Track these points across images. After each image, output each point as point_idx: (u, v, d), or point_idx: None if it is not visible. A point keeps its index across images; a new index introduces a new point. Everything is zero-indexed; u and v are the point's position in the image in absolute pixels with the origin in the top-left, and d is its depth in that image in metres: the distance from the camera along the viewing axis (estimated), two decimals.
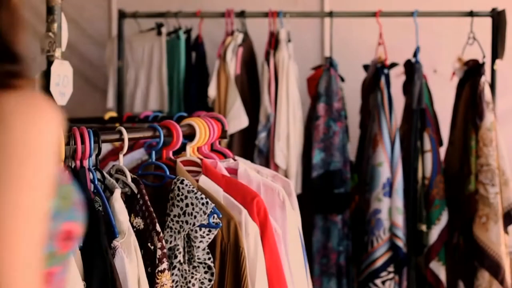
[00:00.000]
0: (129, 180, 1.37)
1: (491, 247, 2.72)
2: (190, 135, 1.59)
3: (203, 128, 1.59)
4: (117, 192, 1.30)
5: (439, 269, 2.88)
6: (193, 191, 1.38)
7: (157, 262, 1.29)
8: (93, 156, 1.38)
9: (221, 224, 1.36)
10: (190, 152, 1.60)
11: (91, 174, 1.34)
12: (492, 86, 2.89)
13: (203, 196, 1.37)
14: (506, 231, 2.81)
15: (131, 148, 1.99)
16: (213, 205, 1.35)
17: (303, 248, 1.67)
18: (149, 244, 1.31)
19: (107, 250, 1.22)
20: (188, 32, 3.21)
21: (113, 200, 1.29)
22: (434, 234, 2.87)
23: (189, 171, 1.59)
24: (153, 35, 3.18)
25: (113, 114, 2.19)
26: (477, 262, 2.78)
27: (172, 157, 1.54)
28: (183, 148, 1.61)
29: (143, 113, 2.05)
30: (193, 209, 1.36)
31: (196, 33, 3.18)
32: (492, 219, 2.74)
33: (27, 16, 3.38)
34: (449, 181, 2.91)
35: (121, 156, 1.42)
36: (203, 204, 1.35)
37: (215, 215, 1.35)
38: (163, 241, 1.30)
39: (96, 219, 1.25)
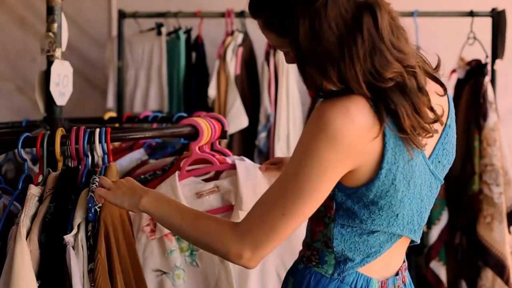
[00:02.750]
0: None
1: (496, 247, 2.72)
2: (191, 135, 1.59)
3: (206, 128, 1.60)
4: (84, 190, 1.31)
5: (440, 269, 2.88)
6: None
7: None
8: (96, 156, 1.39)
9: None
10: (197, 151, 1.60)
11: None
12: (492, 86, 2.89)
13: None
14: (509, 231, 2.80)
15: (131, 148, 1.99)
16: None
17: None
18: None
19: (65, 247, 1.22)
20: (188, 32, 3.20)
21: (80, 198, 1.30)
22: (434, 234, 2.87)
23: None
24: (153, 35, 3.18)
25: (113, 114, 2.19)
26: (482, 261, 2.77)
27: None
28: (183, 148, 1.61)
29: (142, 113, 2.05)
30: None
31: (196, 33, 3.18)
32: (496, 218, 2.73)
33: (27, 16, 3.37)
34: (450, 181, 2.91)
35: None
36: None
37: None
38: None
39: (63, 217, 1.27)
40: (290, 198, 1.05)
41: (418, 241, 1.20)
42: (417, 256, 2.95)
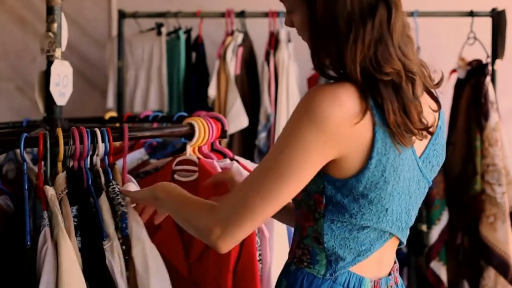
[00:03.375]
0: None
1: (499, 247, 2.72)
2: (189, 135, 1.59)
3: (203, 128, 1.59)
4: (104, 195, 1.31)
5: (440, 269, 2.88)
6: None
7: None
8: (94, 156, 1.39)
9: None
10: (190, 152, 1.60)
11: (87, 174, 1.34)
12: (493, 86, 2.89)
13: None
14: None
15: (131, 148, 1.99)
16: None
17: None
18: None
19: (104, 253, 1.22)
20: (188, 32, 3.20)
21: (101, 202, 1.30)
22: (435, 234, 2.87)
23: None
24: (153, 35, 3.18)
25: (114, 114, 2.19)
26: (485, 261, 2.77)
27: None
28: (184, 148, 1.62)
29: (143, 113, 2.05)
30: None
31: (196, 33, 3.18)
32: (499, 218, 2.74)
33: (27, 16, 3.36)
34: (451, 182, 2.91)
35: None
36: None
37: None
38: None
39: (95, 220, 1.26)
40: (269, 178, 1.04)
41: (404, 243, 1.20)
42: (417, 256, 2.96)
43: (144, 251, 1.25)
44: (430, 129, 1.09)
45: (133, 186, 1.36)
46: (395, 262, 1.23)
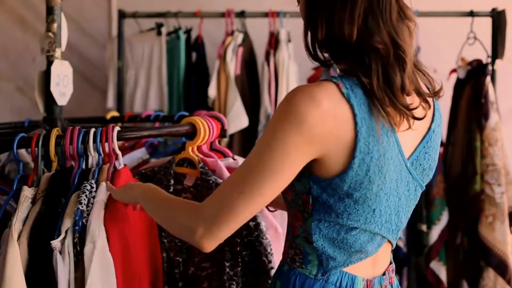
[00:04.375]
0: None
1: (498, 247, 2.72)
2: (190, 134, 1.59)
3: (203, 127, 1.59)
4: (74, 195, 1.31)
5: (440, 269, 2.88)
6: None
7: None
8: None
9: None
10: (190, 151, 1.60)
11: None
12: (493, 86, 2.89)
13: None
14: (511, 231, 2.81)
15: (132, 148, 1.99)
16: None
17: None
18: None
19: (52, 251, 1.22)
20: (188, 32, 3.21)
21: (70, 201, 1.30)
22: (435, 234, 2.87)
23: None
24: (153, 35, 3.18)
25: (115, 113, 2.19)
26: (484, 261, 2.77)
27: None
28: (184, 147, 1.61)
29: (144, 112, 2.05)
30: None
31: (196, 33, 3.18)
32: (498, 218, 2.74)
33: (27, 16, 3.35)
34: (451, 181, 2.91)
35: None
36: None
37: None
38: None
39: (53, 220, 1.27)
40: (251, 176, 1.05)
41: (394, 245, 1.21)
42: (417, 256, 2.96)
43: (91, 251, 1.24)
44: (416, 114, 1.09)
45: (103, 185, 1.35)
46: (390, 263, 1.24)
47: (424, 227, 2.86)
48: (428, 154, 1.17)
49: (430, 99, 1.17)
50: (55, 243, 1.22)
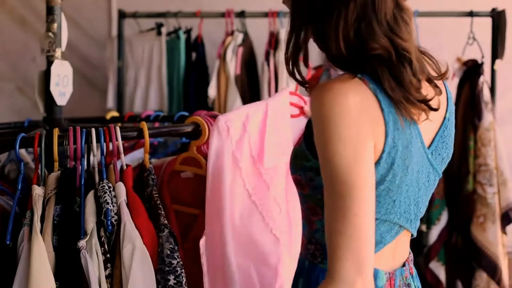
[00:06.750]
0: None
1: (489, 247, 2.73)
2: (193, 134, 1.59)
3: (206, 127, 1.60)
4: (90, 193, 1.31)
5: (439, 269, 2.88)
6: None
7: None
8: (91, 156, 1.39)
9: None
10: (194, 150, 1.60)
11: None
12: (492, 86, 2.89)
13: None
14: (504, 231, 2.81)
15: (132, 148, 1.99)
16: None
17: None
18: None
19: (79, 251, 1.22)
20: (188, 32, 3.21)
21: (86, 200, 1.30)
22: (434, 234, 2.87)
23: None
24: (153, 35, 3.18)
25: (115, 113, 2.19)
26: (475, 262, 2.78)
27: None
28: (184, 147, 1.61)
29: (144, 112, 2.05)
30: None
31: (196, 33, 3.18)
32: (489, 219, 2.74)
33: (27, 16, 3.34)
34: (448, 180, 2.91)
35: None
36: None
37: None
38: None
39: (73, 219, 1.27)
40: (347, 195, 0.98)
41: (415, 234, 1.19)
42: (416, 256, 2.95)
43: (131, 251, 1.25)
44: (433, 105, 1.07)
45: (122, 186, 1.36)
46: (409, 253, 1.23)
47: (423, 227, 2.86)
48: (446, 143, 1.17)
49: (441, 86, 1.17)
50: (82, 243, 1.23)
